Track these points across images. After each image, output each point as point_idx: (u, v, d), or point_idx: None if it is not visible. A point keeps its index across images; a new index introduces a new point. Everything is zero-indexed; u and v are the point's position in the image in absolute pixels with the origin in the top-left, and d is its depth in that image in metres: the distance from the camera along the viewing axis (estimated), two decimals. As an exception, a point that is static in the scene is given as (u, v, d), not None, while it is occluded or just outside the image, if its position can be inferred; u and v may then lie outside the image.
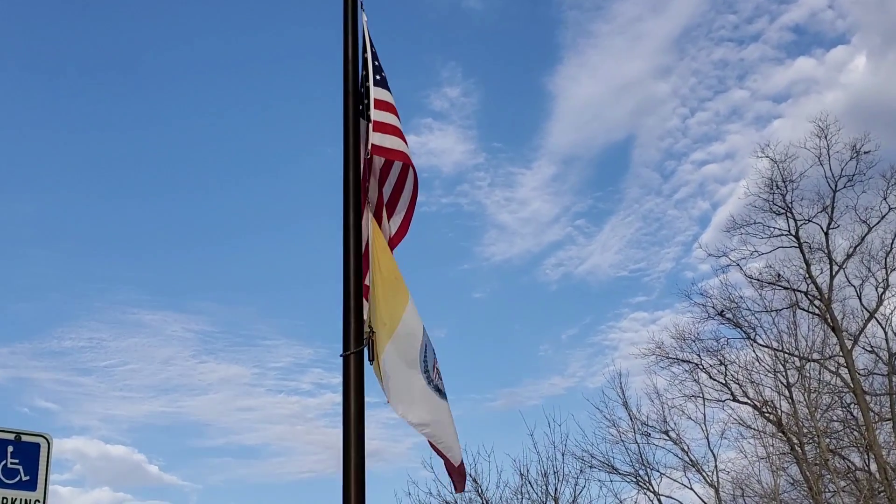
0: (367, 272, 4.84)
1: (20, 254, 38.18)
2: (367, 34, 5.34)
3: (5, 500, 4.77)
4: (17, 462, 4.87)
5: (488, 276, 37.51)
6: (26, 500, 4.83)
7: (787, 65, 34.41)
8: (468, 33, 41.35)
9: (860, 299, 21.09)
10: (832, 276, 20.89)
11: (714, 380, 21.98)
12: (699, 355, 22.32)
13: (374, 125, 5.04)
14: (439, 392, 4.75)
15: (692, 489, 21.01)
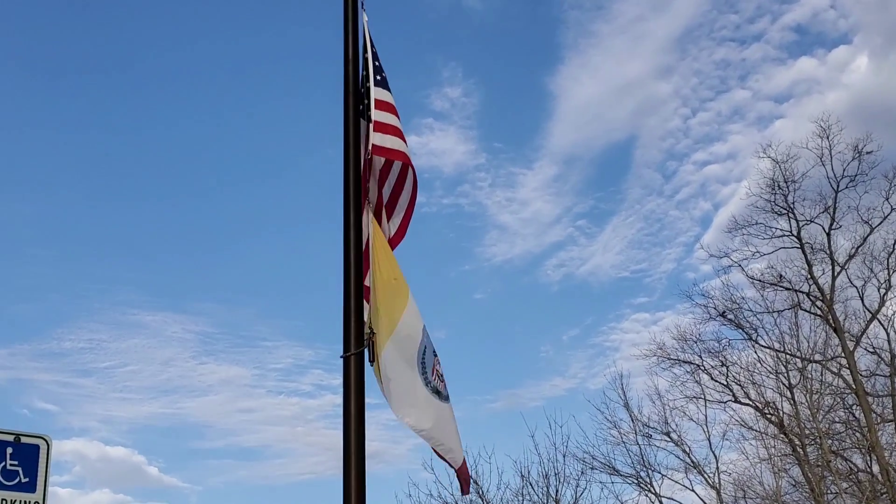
0: (368, 273, 4.82)
1: (20, 254, 38.11)
2: (367, 34, 5.32)
3: (5, 502, 4.74)
4: (16, 464, 4.84)
5: (489, 277, 37.48)
6: (26, 502, 4.80)
7: (788, 65, 34.34)
8: (469, 33, 41.33)
9: (862, 300, 21.12)
10: (834, 277, 20.87)
11: (716, 381, 21.99)
12: (701, 356, 22.34)
13: (374, 125, 5.03)
14: (438, 394, 4.72)
15: (694, 491, 21.01)
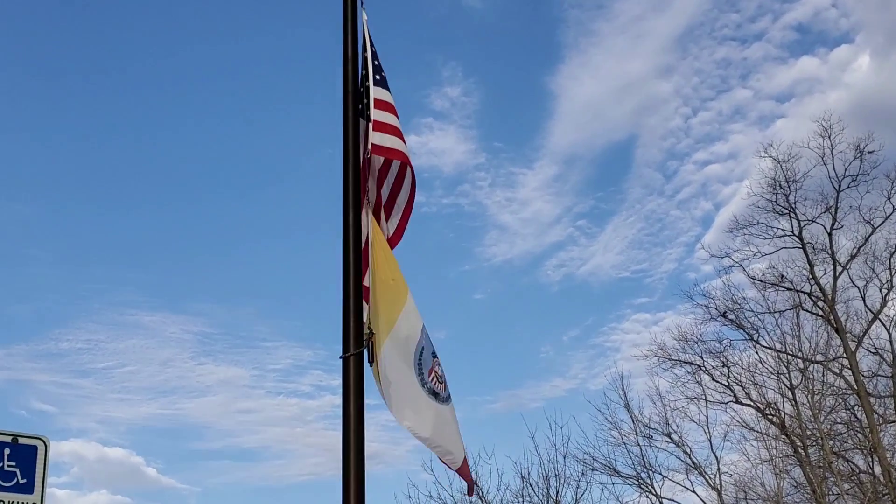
0: (367, 272, 4.80)
1: (18, 255, 38.07)
2: (367, 33, 5.30)
3: (2, 503, 4.73)
4: (13, 465, 4.82)
5: (489, 277, 37.41)
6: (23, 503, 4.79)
7: (790, 64, 34.27)
8: (469, 32, 41.25)
9: (864, 300, 21.05)
10: (836, 277, 20.83)
11: (717, 382, 21.93)
12: (702, 357, 22.27)
13: (373, 125, 5.00)
14: (435, 395, 4.69)
15: (695, 492, 20.94)
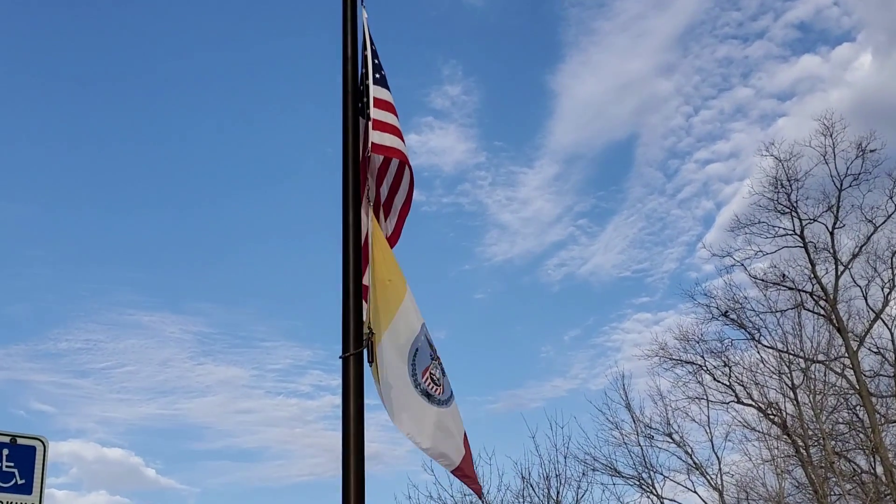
0: (367, 271, 4.78)
1: (17, 255, 38.05)
2: (367, 31, 5.28)
3: (1, 504, 4.71)
4: (12, 465, 4.80)
5: (489, 277, 37.39)
6: (22, 504, 4.77)
7: (791, 62, 34.27)
8: (469, 31, 41.21)
9: (866, 300, 21.05)
10: (837, 277, 20.81)
11: (718, 381, 21.92)
12: (703, 357, 22.27)
13: (373, 123, 4.98)
14: (427, 397, 4.67)
15: (696, 492, 20.92)
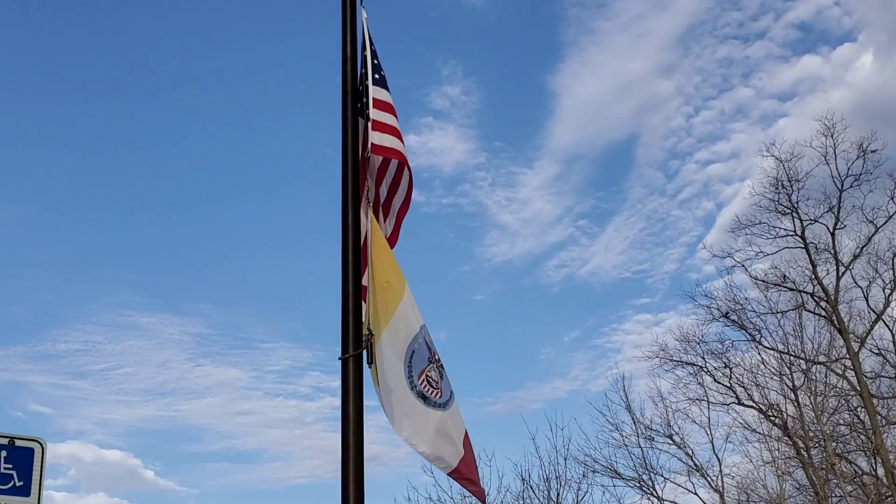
0: (366, 271, 4.77)
1: (15, 256, 38.03)
2: (366, 32, 5.26)
3: (-1, 506, 4.70)
4: (10, 467, 4.79)
5: (489, 278, 37.36)
6: (20, 506, 4.75)
7: (792, 63, 34.27)
8: (469, 31, 41.22)
9: (867, 301, 21.03)
10: (838, 277, 20.78)
11: (719, 383, 21.91)
12: (704, 358, 22.25)
13: (372, 124, 4.97)
14: (423, 399, 4.64)
15: (696, 494, 20.90)
